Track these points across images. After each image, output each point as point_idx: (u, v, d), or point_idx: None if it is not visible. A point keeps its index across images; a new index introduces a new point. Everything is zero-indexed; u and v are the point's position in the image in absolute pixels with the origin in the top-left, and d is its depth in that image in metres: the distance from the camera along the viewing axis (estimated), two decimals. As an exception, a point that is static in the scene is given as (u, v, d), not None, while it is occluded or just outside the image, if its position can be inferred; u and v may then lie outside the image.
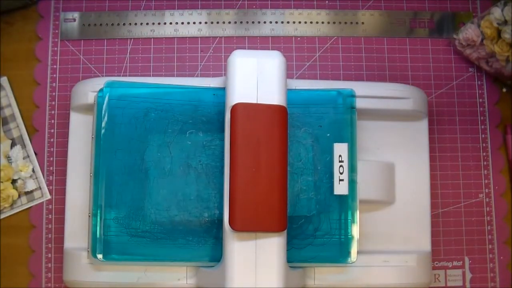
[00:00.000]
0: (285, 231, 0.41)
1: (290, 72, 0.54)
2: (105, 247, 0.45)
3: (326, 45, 0.55)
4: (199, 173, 0.45)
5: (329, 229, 0.46)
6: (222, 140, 0.44)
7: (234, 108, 0.41)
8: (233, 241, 0.40)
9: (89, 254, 0.45)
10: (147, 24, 0.55)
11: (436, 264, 0.52)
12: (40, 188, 0.52)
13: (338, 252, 0.46)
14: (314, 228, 0.46)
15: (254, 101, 0.42)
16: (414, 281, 0.47)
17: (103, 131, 0.45)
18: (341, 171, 0.46)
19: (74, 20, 0.55)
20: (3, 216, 0.52)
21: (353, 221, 0.46)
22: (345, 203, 0.46)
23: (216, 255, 0.44)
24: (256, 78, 0.43)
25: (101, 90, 0.46)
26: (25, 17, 0.55)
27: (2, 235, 0.51)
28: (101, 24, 0.54)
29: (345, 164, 0.46)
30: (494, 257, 0.53)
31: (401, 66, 0.55)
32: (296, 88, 0.49)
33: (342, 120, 0.47)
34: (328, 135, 0.47)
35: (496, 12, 0.50)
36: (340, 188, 0.46)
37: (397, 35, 0.55)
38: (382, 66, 0.55)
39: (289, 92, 0.46)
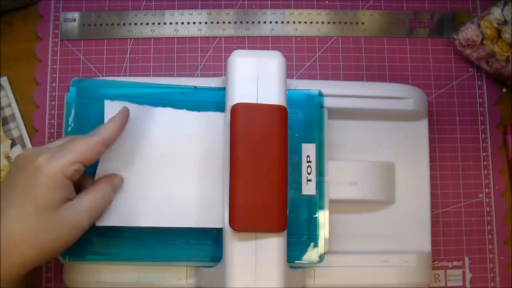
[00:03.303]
0: (285, 231, 0.41)
1: (290, 72, 0.54)
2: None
3: (326, 45, 0.55)
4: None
5: (297, 229, 0.46)
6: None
7: (234, 108, 0.41)
8: (233, 241, 0.40)
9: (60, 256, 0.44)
10: (147, 24, 0.55)
11: (436, 264, 0.52)
12: (40, 188, 0.52)
13: (307, 252, 0.46)
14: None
15: (254, 101, 0.42)
16: (414, 281, 0.47)
17: (69, 129, 0.45)
18: (309, 171, 0.46)
19: (74, 20, 0.55)
20: (3, 216, 0.51)
21: (322, 221, 0.46)
22: (314, 203, 0.46)
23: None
24: (256, 78, 0.43)
25: (69, 90, 0.46)
26: (25, 17, 0.55)
27: (2, 235, 0.51)
28: (101, 24, 0.54)
29: (313, 165, 0.46)
30: (494, 257, 0.53)
31: (401, 66, 0.55)
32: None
33: (310, 120, 0.47)
34: (297, 135, 0.46)
35: (496, 12, 0.50)
36: (308, 188, 0.46)
37: (397, 35, 0.55)
38: (382, 66, 0.55)
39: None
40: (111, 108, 0.44)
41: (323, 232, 0.46)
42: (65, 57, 0.54)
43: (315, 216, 0.46)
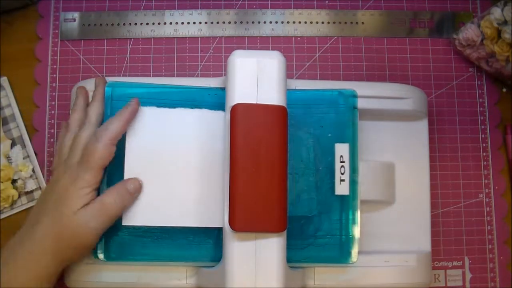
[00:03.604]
0: (285, 231, 0.41)
1: (290, 72, 0.54)
2: (106, 247, 0.45)
3: (326, 45, 0.55)
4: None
5: (330, 229, 0.46)
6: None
7: (234, 108, 0.41)
8: (233, 241, 0.40)
9: (90, 254, 0.45)
10: (147, 24, 0.55)
11: (436, 264, 0.52)
12: (40, 188, 0.52)
13: (339, 252, 0.46)
14: (315, 228, 0.46)
15: (254, 101, 0.42)
16: (414, 281, 0.47)
17: None
18: (342, 172, 0.46)
19: (74, 20, 0.54)
20: (3, 216, 0.52)
21: (354, 222, 0.46)
22: (346, 204, 0.46)
23: (216, 255, 0.44)
24: (256, 78, 0.43)
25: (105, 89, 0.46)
26: (25, 17, 0.55)
27: (2, 235, 0.51)
28: (101, 24, 0.54)
29: (346, 165, 0.46)
30: (494, 257, 0.53)
31: (401, 66, 0.55)
32: (297, 88, 0.49)
33: (344, 120, 0.47)
34: (330, 135, 0.47)
35: (496, 12, 0.50)
36: (341, 188, 0.46)
37: (397, 35, 0.55)
38: (382, 66, 0.55)
39: (290, 92, 0.46)
40: (139, 113, 0.45)
41: (356, 232, 0.46)
42: (65, 57, 0.54)
43: (348, 216, 0.46)
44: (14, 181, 0.52)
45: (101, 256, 0.44)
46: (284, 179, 0.41)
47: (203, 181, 0.45)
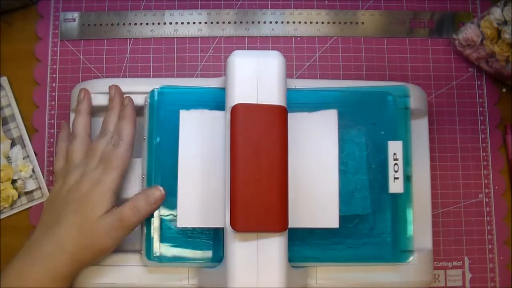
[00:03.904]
0: (286, 231, 0.41)
1: (290, 72, 0.54)
2: (161, 248, 0.45)
3: (326, 45, 0.55)
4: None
5: (384, 228, 0.46)
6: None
7: (234, 108, 0.41)
8: (234, 241, 0.40)
9: (143, 256, 0.45)
10: (147, 24, 0.55)
11: (436, 264, 0.52)
12: (40, 188, 0.52)
13: (394, 251, 0.46)
14: (369, 227, 0.46)
15: (254, 102, 0.42)
16: (415, 279, 0.47)
17: (156, 132, 0.46)
18: (395, 169, 0.46)
19: (74, 20, 0.54)
20: (3, 216, 0.52)
21: (408, 220, 0.46)
22: (401, 202, 0.46)
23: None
24: (256, 78, 0.43)
25: (152, 91, 0.47)
26: (25, 17, 0.55)
27: (2, 235, 0.51)
28: (101, 24, 0.54)
29: (400, 162, 0.46)
30: (494, 257, 0.53)
31: (401, 66, 0.55)
32: (348, 86, 0.49)
33: (396, 117, 0.47)
34: (382, 133, 0.46)
35: (496, 12, 0.50)
36: (395, 186, 0.46)
37: (397, 35, 0.55)
38: (382, 66, 0.55)
39: (341, 92, 0.47)
40: (187, 117, 0.46)
41: (411, 230, 0.46)
42: (65, 57, 0.54)
43: (403, 214, 0.46)
44: (14, 181, 0.52)
45: (157, 257, 0.45)
46: (285, 179, 0.41)
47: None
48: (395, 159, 0.46)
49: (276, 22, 0.55)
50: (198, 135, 0.46)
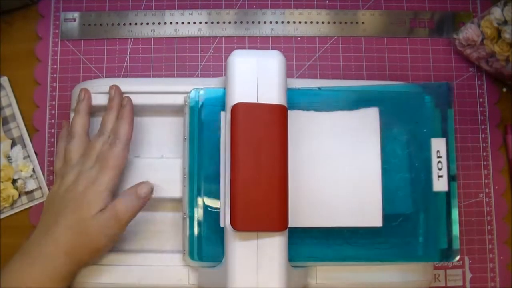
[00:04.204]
0: (286, 230, 0.41)
1: (290, 72, 0.54)
2: (201, 248, 0.45)
3: (326, 45, 0.55)
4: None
5: (429, 227, 0.45)
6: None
7: (235, 108, 0.41)
8: (234, 241, 0.40)
9: (186, 256, 0.45)
10: (147, 24, 0.55)
11: (436, 264, 0.52)
12: (40, 188, 0.52)
13: (440, 250, 0.45)
14: (413, 226, 0.45)
15: (254, 101, 0.42)
16: (415, 279, 0.47)
17: (197, 133, 0.46)
18: (439, 167, 0.45)
19: (74, 20, 0.54)
20: (3, 216, 0.52)
21: (454, 218, 0.45)
22: (446, 200, 0.45)
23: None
24: (256, 78, 0.43)
25: (191, 92, 0.46)
26: (25, 17, 0.55)
27: (2, 235, 0.51)
28: (101, 24, 0.54)
29: (444, 160, 0.45)
30: (494, 257, 0.53)
31: (401, 66, 0.55)
32: (387, 84, 0.49)
33: (438, 114, 0.46)
34: (425, 130, 0.46)
35: (496, 12, 0.50)
36: (439, 184, 0.45)
37: (397, 35, 0.55)
38: (382, 66, 0.55)
39: (381, 89, 0.46)
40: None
41: (456, 228, 0.45)
42: (65, 57, 0.54)
43: (448, 213, 0.45)
44: (14, 181, 0.52)
45: (199, 257, 0.45)
46: (285, 178, 0.41)
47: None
48: (438, 157, 0.45)
49: (277, 22, 0.55)
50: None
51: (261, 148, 0.41)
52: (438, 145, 0.45)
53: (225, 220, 0.41)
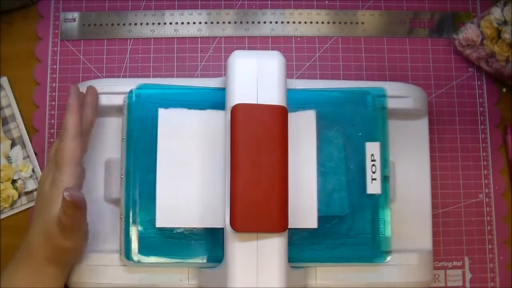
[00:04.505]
0: (286, 231, 0.41)
1: (290, 72, 0.54)
2: (140, 249, 0.45)
3: (326, 45, 0.55)
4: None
5: (362, 228, 0.46)
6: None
7: (235, 108, 0.41)
8: (234, 241, 0.40)
9: (122, 256, 0.45)
10: (147, 24, 0.55)
11: (436, 264, 0.52)
12: (40, 188, 0.52)
13: (372, 252, 0.46)
14: (347, 227, 0.46)
15: (254, 102, 0.42)
16: (415, 279, 0.47)
17: (134, 132, 0.46)
18: (373, 170, 0.46)
19: (74, 20, 0.54)
20: (3, 216, 0.52)
21: (385, 220, 0.46)
22: (378, 202, 0.46)
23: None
24: (256, 79, 0.43)
25: (130, 91, 0.47)
26: (25, 17, 0.55)
27: (2, 235, 0.51)
28: (101, 24, 0.54)
29: (378, 163, 0.46)
30: (494, 257, 0.53)
31: (401, 66, 0.55)
32: (326, 87, 0.49)
33: (374, 118, 0.47)
34: (360, 134, 0.47)
35: (496, 12, 0.50)
36: (373, 187, 0.46)
37: (397, 35, 0.55)
38: (382, 66, 0.55)
39: (320, 92, 0.47)
40: (166, 116, 0.46)
41: (388, 231, 0.46)
42: (65, 57, 0.54)
43: (380, 215, 0.46)
44: (14, 181, 0.52)
45: (136, 258, 0.45)
46: (285, 179, 0.41)
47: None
48: (372, 160, 0.46)
49: (276, 22, 0.55)
50: (178, 133, 0.46)
51: (261, 149, 0.41)
52: (372, 148, 0.46)
53: (225, 220, 0.41)
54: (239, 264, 0.40)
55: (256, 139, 0.41)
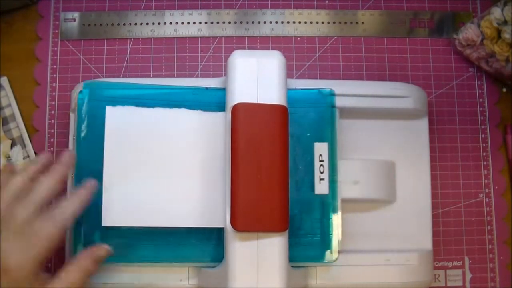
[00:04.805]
0: (287, 231, 0.41)
1: (290, 72, 0.54)
2: (83, 247, 0.44)
3: (326, 45, 0.55)
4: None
5: (310, 228, 0.46)
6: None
7: (235, 108, 0.41)
8: (234, 241, 0.40)
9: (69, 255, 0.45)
10: (147, 24, 0.55)
11: (436, 264, 0.52)
12: (40, 188, 0.52)
13: (320, 251, 0.46)
14: (296, 227, 0.45)
15: (254, 101, 0.42)
16: (416, 279, 0.47)
17: (84, 132, 0.45)
18: (321, 171, 0.46)
19: (74, 20, 0.54)
20: (3, 216, 0.51)
21: (333, 221, 0.46)
22: (326, 203, 0.46)
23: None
24: (256, 78, 0.43)
25: (81, 91, 0.46)
26: (25, 17, 0.55)
27: (2, 235, 0.51)
28: (101, 24, 0.54)
29: (326, 164, 0.46)
30: (494, 257, 0.53)
31: (401, 66, 0.55)
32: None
33: (323, 119, 0.47)
34: (309, 134, 0.46)
35: (496, 12, 0.50)
36: (321, 187, 0.46)
37: (397, 35, 0.55)
38: (382, 66, 0.55)
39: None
40: (114, 114, 0.45)
41: (337, 232, 0.46)
42: (65, 57, 0.54)
43: (328, 215, 0.46)
44: (14, 181, 0.52)
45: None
46: (286, 178, 0.41)
47: (186, 180, 0.45)
48: (320, 161, 0.46)
49: (276, 22, 0.55)
50: (125, 131, 0.45)
51: (261, 148, 0.41)
52: (321, 149, 0.46)
53: (225, 220, 0.41)
54: (239, 263, 0.40)
55: (257, 139, 0.41)
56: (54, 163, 0.42)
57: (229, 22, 0.55)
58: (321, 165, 0.46)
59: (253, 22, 0.55)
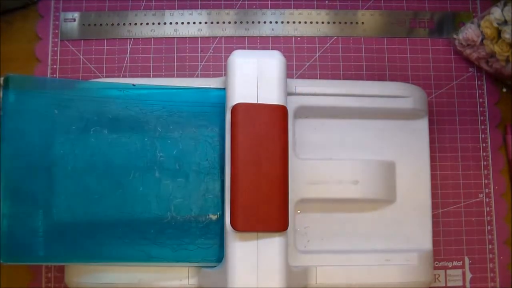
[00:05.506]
0: (287, 230, 0.41)
1: (290, 72, 0.54)
2: (13, 248, 0.42)
3: (326, 45, 0.55)
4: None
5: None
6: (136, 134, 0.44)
7: (235, 108, 0.42)
8: (234, 241, 0.40)
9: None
10: (147, 24, 0.55)
11: (436, 264, 0.52)
12: (40, 188, 0.52)
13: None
14: (220, 227, 0.45)
15: (254, 101, 0.42)
16: (416, 279, 0.47)
17: (6, 128, 0.43)
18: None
19: (74, 20, 0.54)
20: (3, 216, 0.51)
21: (225, 221, 0.45)
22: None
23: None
24: (256, 78, 0.43)
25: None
26: (25, 17, 0.55)
27: (2, 235, 0.51)
28: (101, 24, 0.54)
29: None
30: (494, 257, 0.53)
31: (401, 66, 0.55)
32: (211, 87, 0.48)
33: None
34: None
35: (496, 12, 0.50)
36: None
37: (397, 35, 0.55)
38: (382, 66, 0.55)
39: (200, 91, 0.46)
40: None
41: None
42: (65, 57, 0.54)
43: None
44: (14, 181, 0.52)
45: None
46: (286, 178, 0.41)
47: None
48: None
49: (276, 22, 0.55)
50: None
51: (261, 148, 0.41)
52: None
53: (225, 220, 0.41)
54: (239, 263, 0.40)
55: (257, 139, 0.41)
56: None
57: (229, 22, 0.55)
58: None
59: (253, 22, 0.55)
